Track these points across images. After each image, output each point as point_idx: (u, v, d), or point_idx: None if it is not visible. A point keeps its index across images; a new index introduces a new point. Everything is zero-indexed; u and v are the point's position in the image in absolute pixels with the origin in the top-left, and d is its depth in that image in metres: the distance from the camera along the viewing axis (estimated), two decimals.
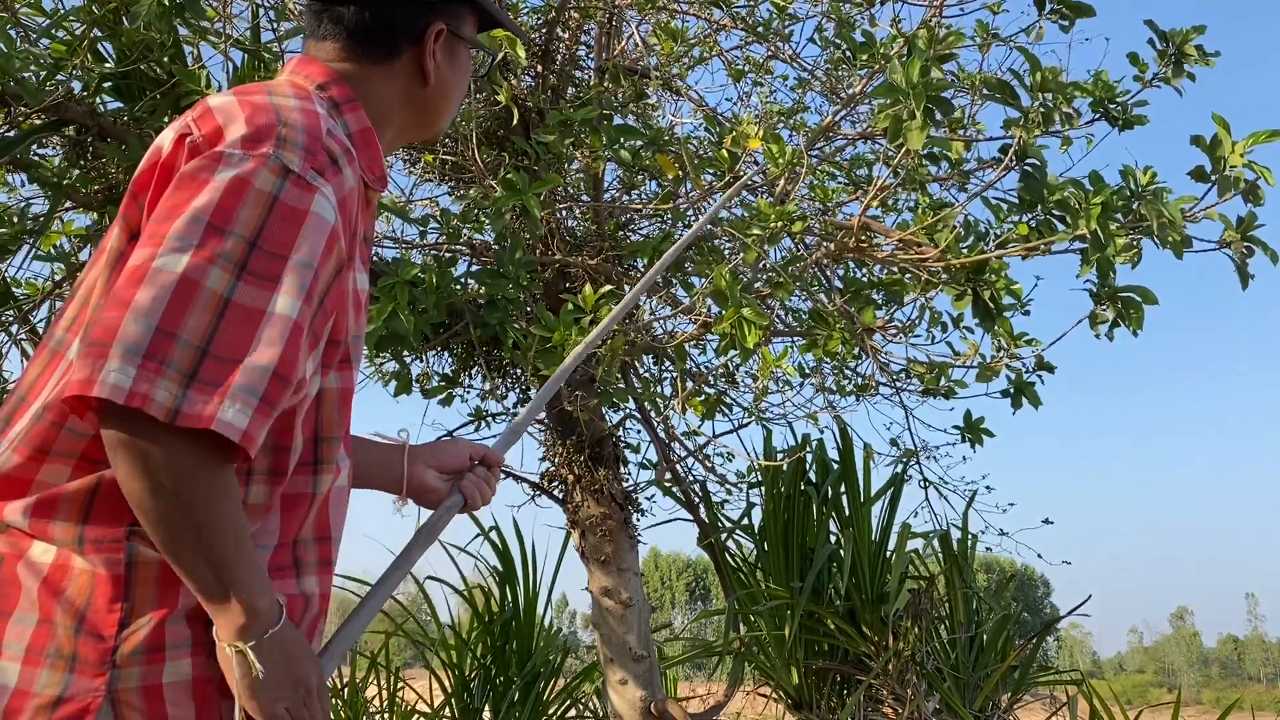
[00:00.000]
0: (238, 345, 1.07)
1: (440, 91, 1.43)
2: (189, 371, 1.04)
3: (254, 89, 1.27)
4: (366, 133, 1.35)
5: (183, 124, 1.21)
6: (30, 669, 1.09)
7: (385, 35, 1.37)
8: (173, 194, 1.12)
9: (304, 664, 1.19)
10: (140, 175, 1.21)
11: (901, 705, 4.26)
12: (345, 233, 1.22)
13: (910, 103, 2.65)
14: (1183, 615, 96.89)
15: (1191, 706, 32.13)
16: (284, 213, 1.13)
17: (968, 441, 3.95)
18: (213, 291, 1.07)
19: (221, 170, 1.13)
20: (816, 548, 4.51)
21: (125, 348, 1.02)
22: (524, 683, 4.56)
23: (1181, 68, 2.91)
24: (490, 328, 3.17)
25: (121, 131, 2.88)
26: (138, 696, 1.11)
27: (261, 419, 1.07)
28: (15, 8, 2.79)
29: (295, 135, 1.18)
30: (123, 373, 1.01)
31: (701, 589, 75.36)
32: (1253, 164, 2.74)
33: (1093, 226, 2.72)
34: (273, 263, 1.11)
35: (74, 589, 1.11)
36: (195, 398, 1.03)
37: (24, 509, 1.13)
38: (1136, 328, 2.97)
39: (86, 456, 1.14)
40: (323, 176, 1.18)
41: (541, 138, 3.19)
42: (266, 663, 1.13)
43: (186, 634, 1.14)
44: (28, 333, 3.29)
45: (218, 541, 1.08)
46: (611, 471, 4.02)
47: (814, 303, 3.63)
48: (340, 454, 1.32)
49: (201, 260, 1.07)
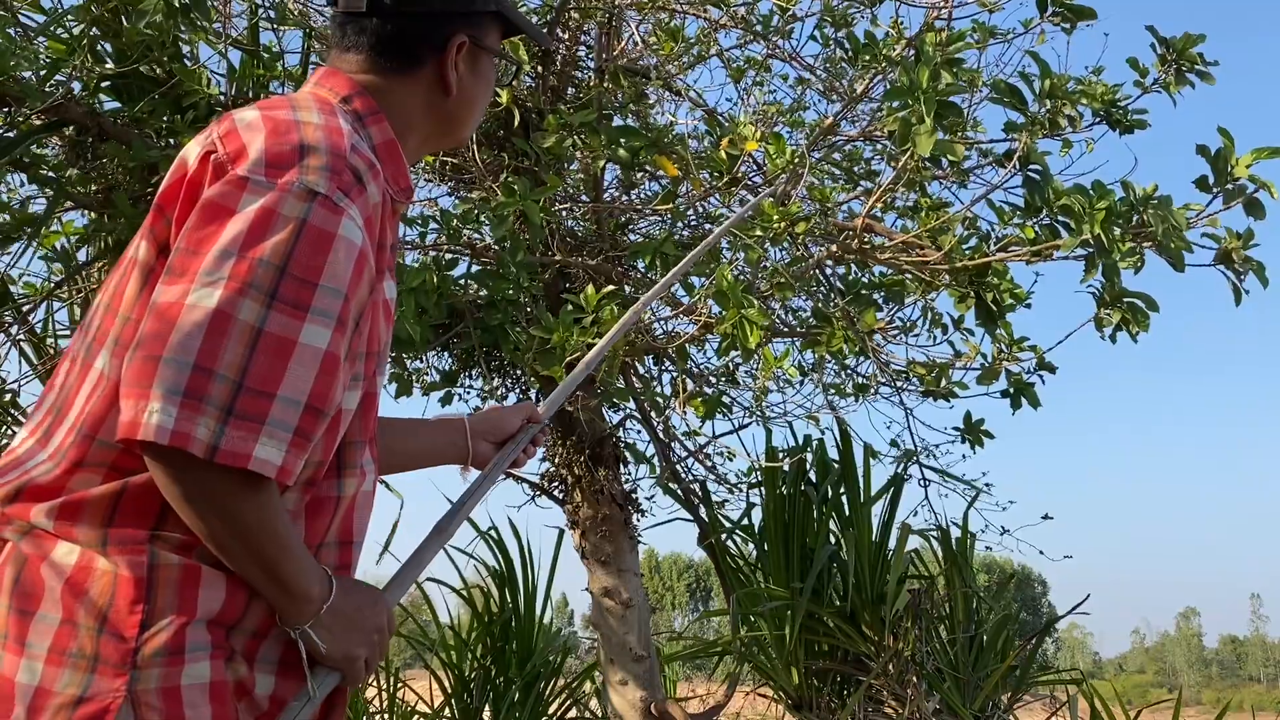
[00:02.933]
0: (271, 378, 1.11)
1: (463, 102, 1.45)
2: (226, 406, 1.09)
3: (278, 104, 1.29)
4: (391, 145, 1.37)
5: (208, 140, 1.23)
6: (53, 668, 1.11)
7: (409, 47, 1.39)
8: (201, 223, 1.15)
9: (369, 613, 1.28)
10: (167, 189, 1.23)
11: (901, 705, 4.25)
12: (373, 249, 1.24)
13: (920, 107, 2.64)
14: (1189, 616, 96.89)
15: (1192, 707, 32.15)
16: (312, 236, 1.15)
17: (967, 443, 3.94)
18: (245, 323, 1.10)
19: (247, 197, 1.15)
20: (817, 548, 4.50)
21: (166, 389, 1.07)
22: (524, 683, 4.56)
23: (1184, 76, 2.91)
24: (491, 329, 3.17)
25: (121, 132, 2.88)
26: (157, 697, 1.12)
27: (297, 452, 1.14)
28: (15, 7, 2.78)
29: (319, 156, 1.20)
30: (165, 414, 1.07)
31: (702, 590, 75.38)
32: (1255, 177, 2.75)
33: (1096, 232, 2.71)
34: (302, 290, 1.13)
35: (96, 590, 1.13)
36: (233, 434, 1.09)
37: (49, 511, 1.16)
38: (1141, 331, 2.97)
39: (116, 466, 1.17)
40: (348, 196, 1.19)
41: (541, 142, 3.19)
42: (332, 630, 1.24)
43: (206, 638, 1.16)
44: (27, 333, 3.29)
45: (265, 550, 1.16)
46: (611, 472, 4.02)
47: (815, 303, 3.62)
48: (365, 458, 1.34)
49: (232, 293, 1.10)
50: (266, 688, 1.23)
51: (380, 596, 1.33)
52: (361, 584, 1.31)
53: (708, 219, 4.00)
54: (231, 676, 1.19)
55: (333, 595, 1.24)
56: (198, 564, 1.17)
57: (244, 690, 1.20)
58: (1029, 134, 2.88)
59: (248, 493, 1.12)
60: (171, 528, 1.17)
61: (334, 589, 1.24)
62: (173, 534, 1.17)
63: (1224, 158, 2.74)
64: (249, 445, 1.09)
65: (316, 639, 1.23)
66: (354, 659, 1.27)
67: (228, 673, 1.18)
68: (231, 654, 1.19)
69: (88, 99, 2.89)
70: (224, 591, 1.18)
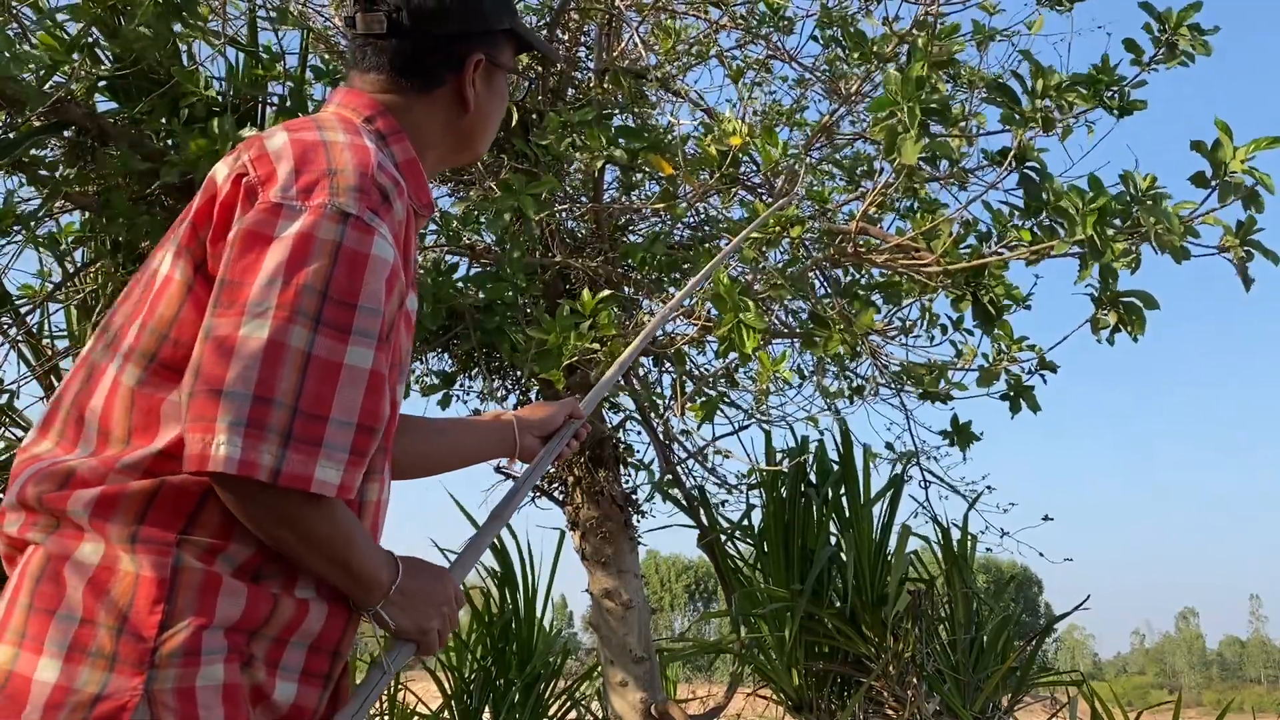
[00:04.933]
0: (323, 401, 1.17)
1: (480, 118, 1.50)
2: (286, 432, 1.15)
3: (304, 125, 1.34)
4: (412, 163, 1.42)
5: (238, 163, 1.28)
6: (72, 666, 1.14)
7: (428, 67, 1.44)
8: (242, 253, 1.20)
9: (436, 588, 1.38)
10: (199, 210, 1.28)
11: (902, 707, 4.25)
12: (402, 265, 1.29)
13: (904, 115, 2.63)
14: (1188, 617, 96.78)
15: (1192, 708, 32.13)
16: (348, 258, 1.20)
17: (955, 445, 3.93)
18: (297, 349, 1.16)
19: (283, 223, 1.20)
20: (817, 549, 4.50)
21: (230, 421, 1.14)
22: (524, 685, 4.55)
23: (1175, 50, 2.86)
24: (489, 330, 3.17)
25: (120, 132, 2.87)
26: (172, 697, 1.15)
27: (354, 470, 1.21)
28: (15, 8, 2.78)
29: (347, 177, 1.24)
30: (231, 445, 1.13)
31: (702, 591, 75.33)
32: (1253, 170, 2.71)
33: (1089, 232, 2.70)
34: (343, 312, 1.19)
35: (118, 590, 1.16)
36: (294, 458, 1.15)
37: (88, 501, 1.20)
38: (1138, 333, 2.95)
39: (151, 471, 1.21)
40: (378, 216, 1.24)
41: (540, 140, 3.18)
42: (403, 607, 1.33)
43: (223, 643, 1.19)
44: (25, 335, 3.29)
45: (335, 552, 1.24)
46: (612, 473, 4.02)
47: (813, 305, 3.62)
48: (384, 466, 1.38)
49: (282, 322, 1.16)
50: (287, 695, 1.26)
51: (446, 573, 1.42)
52: (426, 563, 1.39)
53: (706, 220, 4.00)
54: (247, 680, 1.21)
55: (400, 577, 1.32)
56: (220, 573, 1.20)
57: (261, 694, 1.23)
58: (1021, 130, 2.86)
59: (312, 508, 1.20)
60: (200, 533, 1.20)
61: (400, 571, 1.33)
62: (200, 539, 1.20)
63: (1220, 149, 2.70)
64: (309, 468, 1.16)
65: (388, 617, 1.32)
66: (427, 630, 1.36)
67: (243, 676, 1.21)
68: (250, 659, 1.22)
69: (86, 99, 2.88)
70: (244, 600, 1.21)
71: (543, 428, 1.75)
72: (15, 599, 1.20)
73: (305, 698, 1.28)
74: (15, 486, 1.25)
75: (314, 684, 1.29)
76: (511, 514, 1.67)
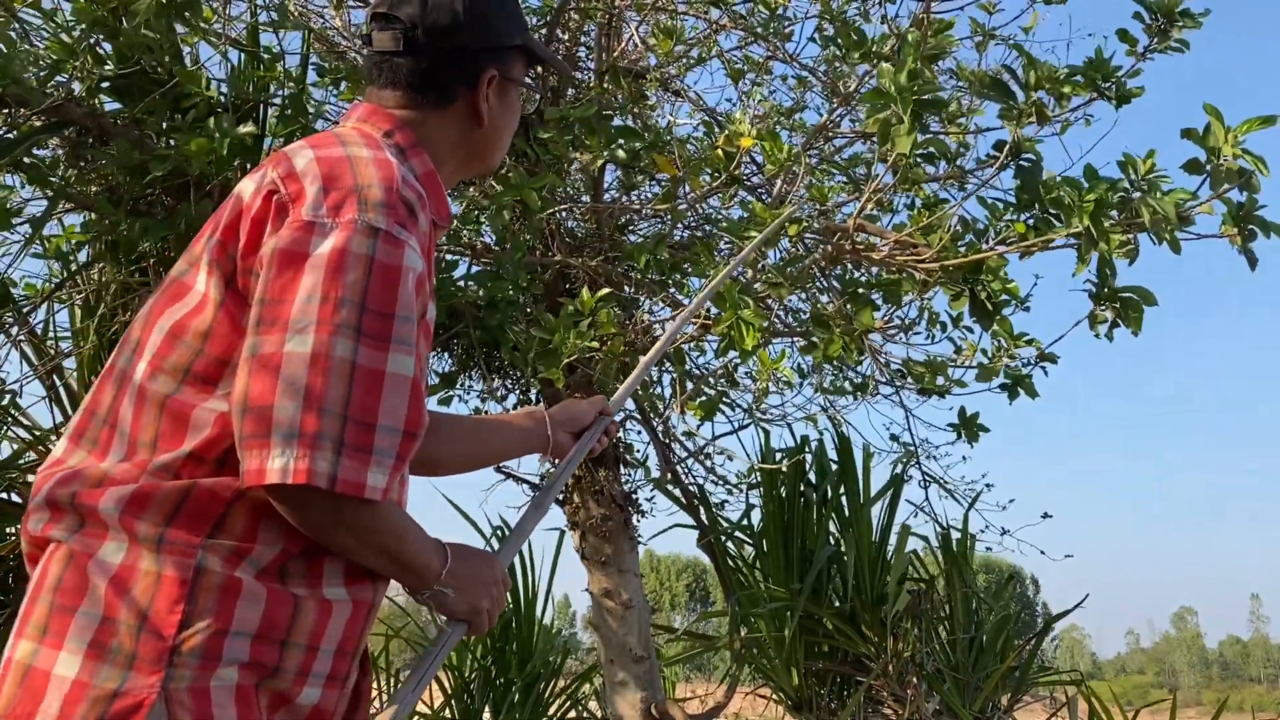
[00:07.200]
0: (370, 409, 1.22)
1: (494, 131, 1.54)
2: (338, 439, 1.19)
3: (328, 141, 1.38)
4: (431, 175, 1.46)
5: (266, 179, 1.32)
6: (92, 662, 1.16)
7: (443, 83, 1.48)
8: (280, 271, 1.24)
9: (484, 571, 1.44)
10: (228, 225, 1.32)
11: (901, 706, 4.26)
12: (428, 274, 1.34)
13: (897, 107, 2.64)
14: (1185, 616, 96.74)
15: (1192, 708, 32.11)
16: (381, 271, 1.24)
17: (963, 437, 3.93)
18: (342, 359, 1.21)
19: (316, 240, 1.24)
20: (816, 549, 4.50)
21: (283, 435, 1.18)
22: (524, 684, 4.56)
23: (1168, 35, 2.85)
24: (490, 329, 3.18)
25: (122, 132, 2.88)
26: (189, 696, 1.18)
27: (395, 474, 1.25)
28: (15, 8, 2.79)
29: (375, 193, 1.28)
30: (286, 457, 1.18)
31: (701, 590, 75.29)
32: (1247, 153, 2.67)
33: (1085, 224, 2.70)
34: (381, 322, 1.24)
35: (139, 589, 1.19)
36: (347, 465, 1.20)
37: (120, 498, 1.23)
38: (1136, 329, 2.95)
39: (181, 473, 1.25)
40: (405, 228, 1.28)
41: (540, 135, 3.19)
42: (455, 589, 1.39)
43: (239, 647, 1.22)
44: (27, 334, 3.29)
45: (387, 545, 1.29)
46: (612, 472, 4.02)
47: (812, 304, 3.62)
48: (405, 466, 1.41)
49: (325, 335, 1.20)
50: (311, 699, 1.30)
51: (493, 557, 1.48)
52: (472, 548, 1.45)
53: (706, 220, 4.00)
54: (271, 688, 1.25)
55: (449, 562, 1.38)
56: (241, 578, 1.23)
57: (284, 700, 1.27)
58: (1017, 124, 2.86)
59: (367, 510, 1.24)
60: (225, 536, 1.23)
61: (450, 556, 1.39)
62: (226, 542, 1.23)
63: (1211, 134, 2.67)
64: (363, 475, 1.21)
65: (442, 600, 1.39)
66: (478, 610, 1.43)
67: (254, 678, 1.23)
68: (275, 671, 1.25)
69: (88, 99, 2.89)
70: (263, 607, 1.24)
71: (574, 424, 1.80)
72: (37, 595, 1.22)
73: (326, 700, 1.32)
74: (45, 488, 1.28)
75: (335, 686, 1.33)
76: (550, 503, 1.76)
